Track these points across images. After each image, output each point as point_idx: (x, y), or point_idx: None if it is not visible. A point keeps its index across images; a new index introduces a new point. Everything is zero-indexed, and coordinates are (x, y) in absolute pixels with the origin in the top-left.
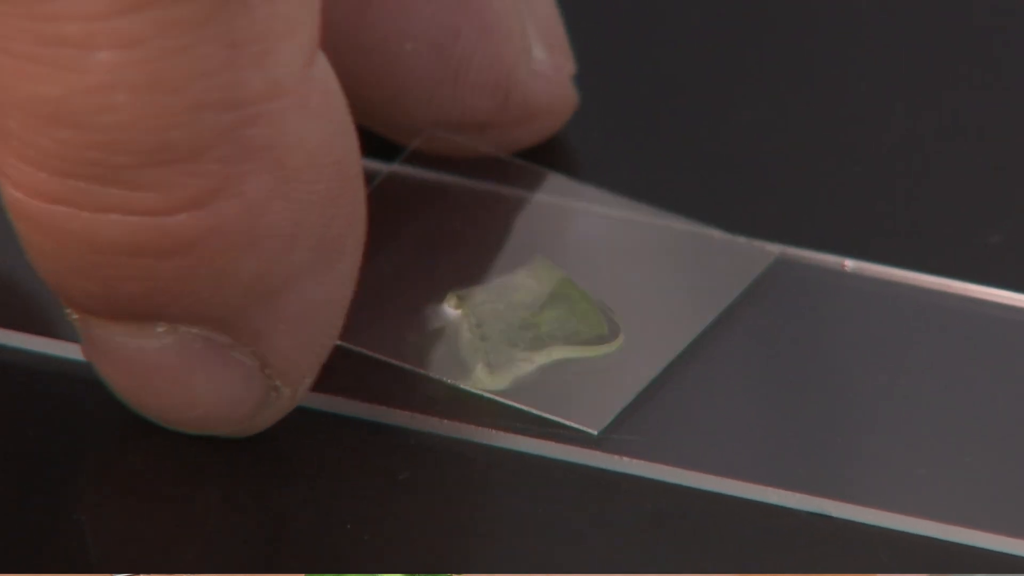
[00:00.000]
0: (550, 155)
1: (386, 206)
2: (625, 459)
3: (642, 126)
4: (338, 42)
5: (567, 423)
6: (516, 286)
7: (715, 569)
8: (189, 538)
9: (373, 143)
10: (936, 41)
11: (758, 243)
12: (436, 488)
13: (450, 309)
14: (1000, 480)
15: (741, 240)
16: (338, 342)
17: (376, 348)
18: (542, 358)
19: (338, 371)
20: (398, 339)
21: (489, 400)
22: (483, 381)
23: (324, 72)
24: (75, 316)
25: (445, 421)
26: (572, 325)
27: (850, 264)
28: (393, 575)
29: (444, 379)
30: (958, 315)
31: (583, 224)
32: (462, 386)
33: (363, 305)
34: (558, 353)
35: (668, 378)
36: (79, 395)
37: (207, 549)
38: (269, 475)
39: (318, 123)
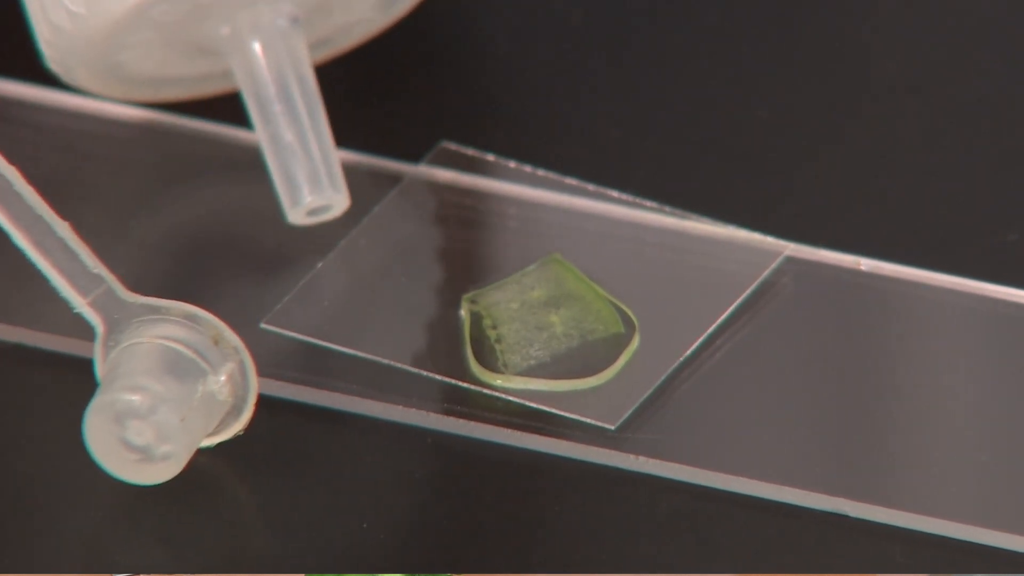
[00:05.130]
0: (562, 154)
1: (404, 210)
2: (641, 458)
3: (655, 124)
4: None
5: (584, 420)
6: (530, 285)
7: (730, 569)
8: (201, 537)
9: (390, 147)
10: (953, 38)
11: (771, 240)
12: (452, 488)
13: (465, 311)
14: (1017, 479)
15: (755, 237)
16: (355, 351)
17: (393, 354)
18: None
19: (355, 373)
20: (414, 342)
21: (506, 399)
22: (500, 381)
23: None
24: None
25: (462, 421)
26: (588, 323)
27: (866, 263)
28: (393, 575)
29: (460, 380)
30: (975, 314)
31: (595, 223)
32: (478, 387)
33: (380, 310)
34: (549, 386)
35: (683, 377)
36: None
37: (219, 548)
38: (285, 474)
39: None
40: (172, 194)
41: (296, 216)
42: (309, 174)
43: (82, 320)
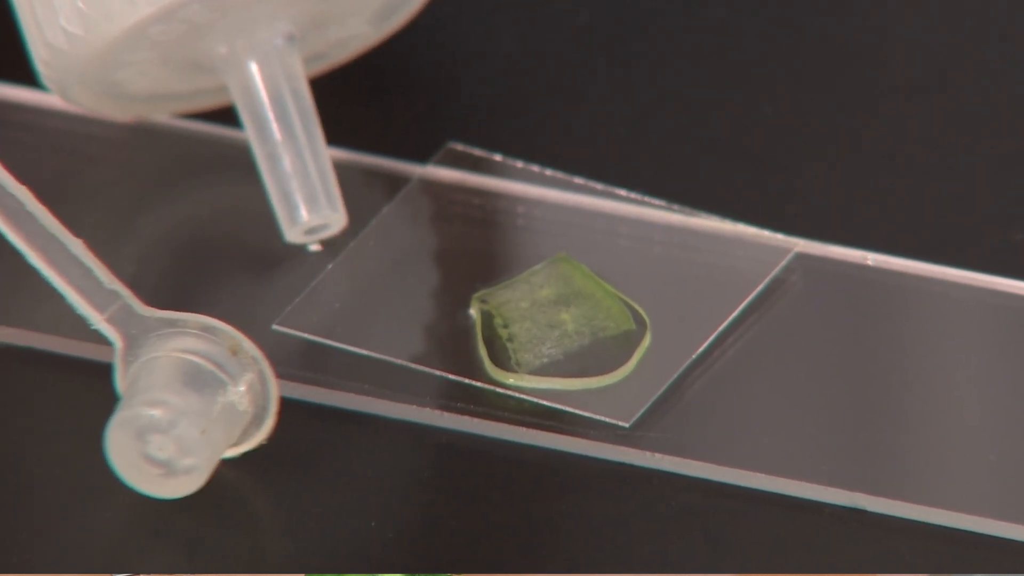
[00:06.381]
0: (569, 153)
1: (412, 211)
2: (656, 455)
3: (663, 122)
4: None
5: (598, 418)
6: (539, 284)
7: (743, 566)
8: (206, 536)
9: (397, 148)
10: (960, 36)
11: (781, 237)
12: (466, 486)
13: (476, 310)
14: None
15: (764, 234)
16: (367, 351)
17: (405, 354)
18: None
19: (367, 373)
20: (425, 341)
21: (519, 398)
22: (513, 380)
23: None
24: None
25: (475, 420)
26: (599, 321)
27: (872, 258)
28: (392, 575)
29: (473, 379)
30: (985, 308)
31: (603, 222)
32: (491, 386)
33: (390, 310)
34: (568, 385)
35: (696, 374)
36: (79, 392)
37: (226, 547)
38: (297, 474)
39: None
40: (173, 196)
41: (294, 235)
42: (306, 193)
43: (83, 322)
